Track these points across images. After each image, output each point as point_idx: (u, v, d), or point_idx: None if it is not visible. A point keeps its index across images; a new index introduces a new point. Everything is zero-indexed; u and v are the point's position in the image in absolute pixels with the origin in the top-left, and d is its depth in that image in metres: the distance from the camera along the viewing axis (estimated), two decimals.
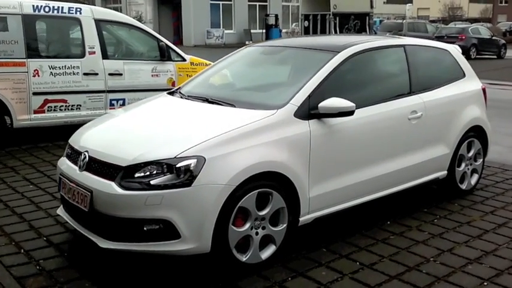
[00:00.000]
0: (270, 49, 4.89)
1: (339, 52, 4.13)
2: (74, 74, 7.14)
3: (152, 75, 7.80)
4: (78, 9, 7.27)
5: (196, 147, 3.30)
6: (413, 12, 67.45)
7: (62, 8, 7.13)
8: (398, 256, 3.80)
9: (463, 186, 5.14)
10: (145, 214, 3.21)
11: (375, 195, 4.25)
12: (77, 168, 3.62)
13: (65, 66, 7.07)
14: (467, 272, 3.59)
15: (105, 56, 7.38)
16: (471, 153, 5.15)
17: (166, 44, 7.89)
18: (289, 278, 3.46)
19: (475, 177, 5.29)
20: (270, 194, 3.51)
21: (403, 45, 4.66)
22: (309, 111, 3.75)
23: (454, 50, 5.21)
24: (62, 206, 3.97)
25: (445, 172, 4.91)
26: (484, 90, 5.32)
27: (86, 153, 3.60)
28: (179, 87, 4.64)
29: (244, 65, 4.92)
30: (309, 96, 3.78)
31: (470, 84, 5.19)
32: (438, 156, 4.75)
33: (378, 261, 3.73)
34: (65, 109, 7.09)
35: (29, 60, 6.78)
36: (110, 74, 7.42)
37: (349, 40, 4.46)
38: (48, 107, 6.98)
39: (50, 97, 6.98)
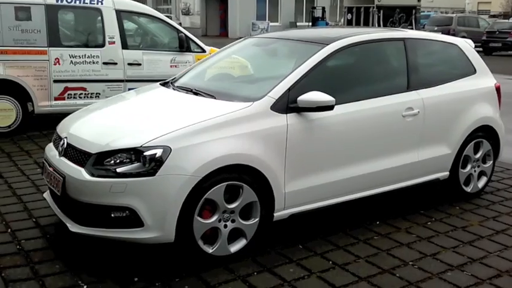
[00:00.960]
0: (263, 41, 4.81)
1: (327, 45, 4.01)
2: (93, 63, 7.31)
3: (171, 66, 7.86)
4: (100, 0, 7.43)
5: (163, 137, 3.28)
6: (473, 6, 64.86)
7: None
8: (375, 258, 3.66)
9: (468, 189, 4.88)
10: (110, 201, 3.24)
11: (360, 194, 4.10)
12: (57, 153, 3.70)
13: (85, 55, 7.25)
14: (444, 279, 3.41)
15: (124, 46, 7.52)
16: (479, 155, 4.88)
17: (185, 35, 7.94)
18: (255, 273, 3.40)
19: (483, 180, 5.02)
20: (240, 187, 3.46)
21: (403, 39, 4.45)
22: (287, 104, 3.66)
23: (465, 44, 4.93)
24: (48, 190, 4.07)
25: (447, 173, 4.68)
26: (497, 88, 5.02)
27: (65, 139, 3.67)
28: (173, 78, 4.65)
29: (244, 56, 4.85)
30: (288, 89, 3.69)
31: (482, 81, 4.91)
32: (438, 156, 4.53)
33: (353, 261, 3.60)
34: (85, 97, 7.27)
35: (50, 48, 7.00)
36: (129, 64, 7.55)
37: (344, 32, 4.32)
38: (68, 94, 7.18)
39: (70, 85, 7.19)
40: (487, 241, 4.01)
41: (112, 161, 3.29)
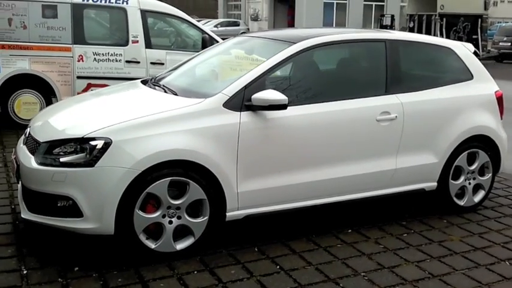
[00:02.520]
0: (242, 39, 4.74)
1: (294, 43, 3.89)
2: (116, 61, 7.55)
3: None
4: (125, 0, 7.65)
5: (106, 128, 3.32)
6: None
7: None
8: (326, 266, 3.50)
9: (461, 203, 4.56)
10: (52, 189, 3.31)
11: (326, 200, 3.94)
12: (21, 142, 3.84)
13: (108, 53, 7.49)
14: None
15: (148, 45, 7.70)
16: (474, 166, 4.54)
17: (210, 36, 7.98)
18: (195, 272, 3.35)
19: (481, 193, 4.66)
20: (187, 183, 3.43)
21: (385, 40, 4.22)
22: (242, 102, 3.58)
23: (461, 48, 4.61)
24: None
25: (434, 184, 4.39)
26: (499, 96, 4.66)
27: (28, 128, 3.80)
28: (157, 75, 4.69)
29: (216, 55, 4.74)
30: (245, 87, 3.61)
31: (479, 87, 4.58)
32: (421, 164, 4.26)
33: (301, 267, 3.46)
34: None
35: (74, 46, 7.30)
36: (152, 63, 7.71)
37: (317, 32, 4.17)
38: (91, 90, 7.44)
39: (92, 81, 7.45)
40: (459, 257, 3.72)
41: (60, 151, 3.36)
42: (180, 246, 3.50)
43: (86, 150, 3.27)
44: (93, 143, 3.27)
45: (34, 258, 3.46)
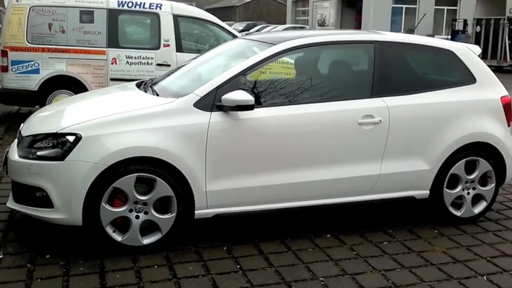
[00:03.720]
0: (235, 42, 4.77)
1: (274, 45, 3.89)
2: (148, 64, 7.86)
3: (223, 70, 8.09)
4: (159, 5, 7.95)
5: (77, 125, 3.50)
6: None
7: (144, 3, 7.90)
8: (287, 268, 3.46)
9: (458, 213, 4.33)
10: (29, 181, 3.52)
11: (303, 203, 3.89)
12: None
13: (140, 57, 7.82)
14: None
15: (179, 49, 7.95)
16: (474, 175, 4.31)
17: None
18: (155, 266, 3.44)
19: (482, 204, 4.41)
20: (154, 180, 3.53)
21: (374, 42, 4.11)
22: (214, 103, 3.64)
23: (464, 50, 4.38)
24: None
25: (427, 192, 4.21)
26: (506, 102, 4.39)
27: (22, 124, 4.07)
28: (152, 78, 4.81)
29: (210, 57, 4.74)
30: (217, 87, 3.66)
31: (482, 92, 4.33)
32: (410, 171, 4.10)
33: (261, 269, 3.45)
34: None
35: (108, 49, 7.69)
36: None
37: (304, 34, 4.13)
38: None
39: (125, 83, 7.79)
40: (433, 269, 3.55)
41: (41, 145, 3.58)
42: (147, 241, 3.61)
43: (58, 145, 3.47)
44: (64, 138, 3.46)
45: (16, 245, 3.70)
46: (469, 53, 4.40)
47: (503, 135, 4.34)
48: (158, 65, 7.86)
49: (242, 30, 39.43)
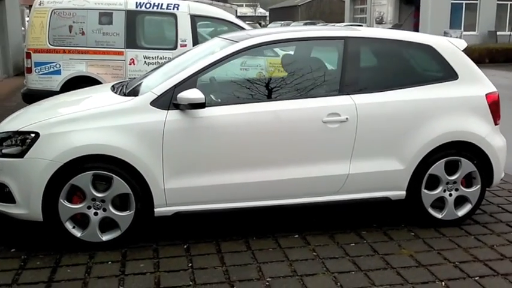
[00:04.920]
0: (212, 41, 4.72)
1: (237, 42, 3.86)
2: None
3: (241, 69, 8.10)
4: (176, 6, 8.07)
5: (36, 123, 3.62)
6: None
7: (161, 4, 8.04)
8: (238, 268, 3.43)
9: (440, 215, 4.12)
10: None
11: (266, 203, 3.83)
12: None
13: (157, 57, 7.97)
14: None
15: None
16: (455, 176, 4.07)
17: None
18: (109, 262, 3.51)
19: (467, 207, 4.17)
20: (111, 178, 3.60)
21: (344, 38, 3.97)
22: (171, 101, 3.65)
23: (445, 44, 4.13)
24: None
25: (402, 193, 4.03)
26: (491, 98, 4.11)
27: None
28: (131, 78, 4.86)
29: (185, 56, 4.62)
30: (174, 86, 3.68)
31: (465, 88, 4.08)
32: (382, 171, 3.94)
33: (211, 267, 3.43)
34: None
35: (127, 50, 7.89)
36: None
37: (271, 31, 4.06)
38: None
39: None
40: (390, 273, 3.40)
41: (9, 142, 3.73)
42: (107, 237, 3.69)
43: (18, 142, 3.61)
44: (24, 136, 3.60)
45: None
46: (450, 47, 4.15)
47: (488, 134, 4.07)
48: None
49: None
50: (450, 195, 4.12)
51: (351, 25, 36.58)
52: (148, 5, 8.00)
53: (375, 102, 3.89)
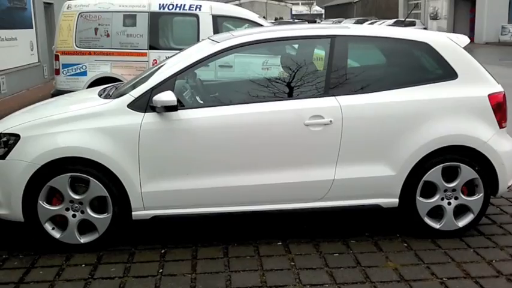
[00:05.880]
0: (202, 42, 4.62)
1: (218, 43, 3.75)
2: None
3: (262, 68, 8.00)
4: (198, 6, 8.07)
5: (18, 126, 3.66)
6: None
7: (184, 5, 8.06)
8: (207, 276, 3.32)
9: (437, 225, 3.83)
10: None
11: (244, 208, 3.70)
12: None
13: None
14: None
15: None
16: (455, 184, 3.78)
17: None
18: (83, 265, 3.50)
19: (469, 217, 3.86)
20: (88, 180, 3.59)
21: (332, 37, 3.76)
22: (148, 103, 3.60)
23: (443, 42, 3.82)
24: None
25: (395, 200, 3.78)
26: (495, 100, 3.78)
27: None
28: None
29: (174, 58, 4.46)
30: (152, 88, 3.62)
31: (465, 88, 3.77)
32: (371, 177, 3.70)
33: (181, 274, 3.34)
34: None
35: (149, 51, 7.97)
36: (220, 66, 7.96)
37: (257, 30, 3.91)
38: None
39: None
40: (362, 287, 3.18)
41: None
42: (85, 239, 3.68)
43: (2, 144, 3.67)
44: (5, 138, 3.65)
45: None
46: (450, 45, 3.86)
47: (491, 138, 3.75)
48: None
49: None
50: (449, 203, 3.82)
51: (403, 21, 35.51)
52: (171, 7, 8.04)
53: (363, 104, 3.67)
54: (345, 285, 3.21)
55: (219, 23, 8.07)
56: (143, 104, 3.61)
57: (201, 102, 3.94)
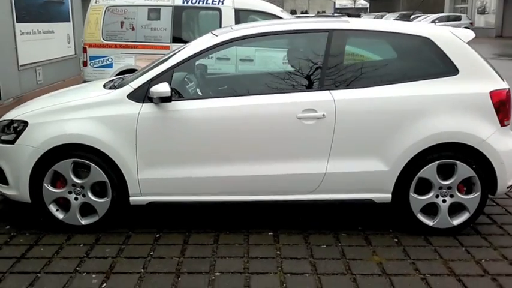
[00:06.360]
0: (205, 36, 4.72)
1: (216, 36, 3.85)
2: (208, 58, 8.10)
3: (283, 63, 8.06)
4: (221, 0, 8.19)
5: (26, 113, 3.89)
6: None
7: None
8: (191, 260, 3.44)
9: (431, 223, 3.83)
10: None
11: (236, 198, 3.80)
12: None
13: None
14: None
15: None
16: (450, 181, 3.76)
17: None
18: (81, 245, 3.68)
19: (464, 215, 3.83)
20: (89, 165, 3.77)
21: (329, 30, 3.79)
22: (146, 94, 3.74)
23: (445, 37, 3.79)
24: None
25: (388, 196, 3.80)
26: (498, 97, 3.72)
27: None
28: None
29: (178, 50, 4.70)
30: (151, 79, 3.76)
31: (465, 84, 3.73)
32: (363, 171, 3.73)
33: (169, 257, 3.48)
34: None
35: (172, 44, 8.15)
36: (241, 60, 8.08)
37: (256, 24, 3.99)
38: None
39: None
40: (345, 279, 3.23)
41: (6, 130, 4.01)
42: (86, 221, 3.88)
43: (12, 130, 3.90)
44: (15, 124, 3.88)
45: None
46: (452, 40, 3.82)
47: (490, 136, 3.71)
48: (218, 58, 8.06)
49: None
50: (444, 201, 3.81)
51: (448, 17, 34.59)
52: (194, 0, 8.20)
53: (357, 99, 3.70)
54: (324, 276, 3.26)
55: (242, 17, 8.17)
56: (142, 95, 3.76)
57: (201, 94, 4.06)
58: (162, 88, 3.61)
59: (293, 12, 40.38)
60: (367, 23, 4.05)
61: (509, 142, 3.81)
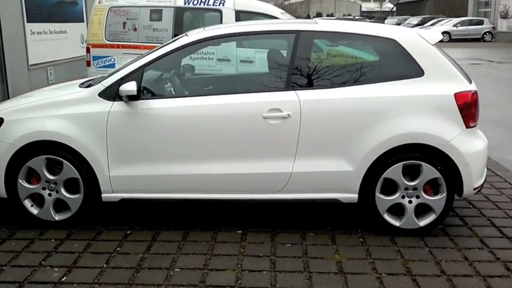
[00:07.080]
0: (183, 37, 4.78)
1: (187, 36, 3.92)
2: (209, 59, 8.21)
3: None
4: (222, 2, 8.26)
5: (2, 111, 4.02)
6: None
7: (208, 1, 8.29)
8: (154, 257, 3.52)
9: (397, 223, 3.83)
10: None
11: (205, 196, 3.87)
12: None
13: (202, 52, 8.19)
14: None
15: (239, 44, 8.17)
16: (416, 182, 3.76)
17: None
18: (52, 239, 3.80)
19: (431, 216, 3.82)
20: (61, 162, 3.89)
21: (296, 32, 3.81)
22: (116, 92, 3.84)
23: (411, 39, 3.78)
24: None
25: (354, 196, 3.81)
26: (463, 99, 3.70)
27: None
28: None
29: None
30: (121, 78, 3.85)
31: (430, 86, 3.72)
32: (328, 171, 3.75)
33: (133, 253, 3.56)
34: None
35: None
36: (241, 61, 8.15)
37: (225, 25, 4.04)
38: None
39: None
40: (301, 276, 3.26)
41: None
42: (60, 217, 3.99)
43: None
44: None
45: None
46: (417, 42, 3.82)
47: (455, 138, 3.69)
48: (219, 59, 8.17)
49: (416, 25, 37.57)
50: (410, 202, 3.81)
51: (471, 20, 34.01)
52: (195, 2, 8.29)
53: (322, 99, 3.73)
54: (281, 273, 3.30)
55: (242, 18, 8.22)
56: (112, 93, 3.86)
57: (174, 93, 4.13)
58: (130, 86, 3.70)
59: (318, 14, 40.17)
60: (335, 24, 4.06)
61: (474, 144, 3.79)
